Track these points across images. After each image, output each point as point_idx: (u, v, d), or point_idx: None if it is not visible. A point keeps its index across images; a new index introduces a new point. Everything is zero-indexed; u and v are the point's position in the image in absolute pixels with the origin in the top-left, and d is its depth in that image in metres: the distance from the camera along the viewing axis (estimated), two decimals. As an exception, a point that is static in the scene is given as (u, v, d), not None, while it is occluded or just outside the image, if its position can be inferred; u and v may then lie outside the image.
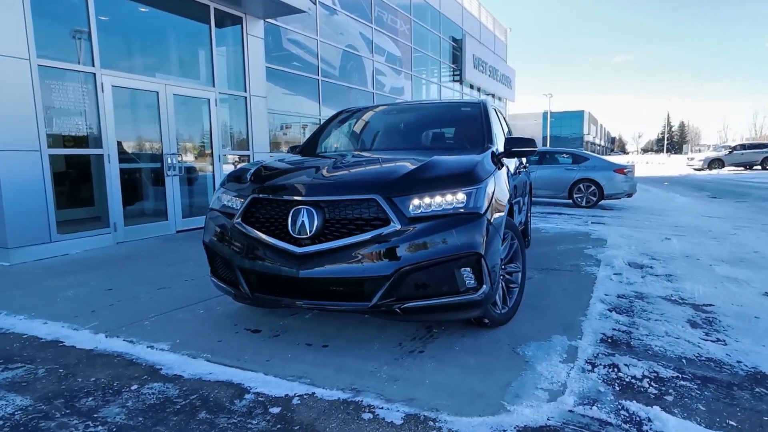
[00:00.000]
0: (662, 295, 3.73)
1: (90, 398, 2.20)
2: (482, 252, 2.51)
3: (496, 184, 2.87)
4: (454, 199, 2.57)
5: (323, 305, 2.61)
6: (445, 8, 17.91)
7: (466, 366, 2.48)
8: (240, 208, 2.81)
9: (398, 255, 2.43)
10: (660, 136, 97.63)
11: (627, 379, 2.32)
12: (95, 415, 2.05)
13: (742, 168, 25.94)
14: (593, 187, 10.28)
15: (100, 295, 3.84)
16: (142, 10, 6.65)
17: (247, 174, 3.04)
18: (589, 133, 73.35)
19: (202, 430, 1.93)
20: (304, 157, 3.76)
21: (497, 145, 3.70)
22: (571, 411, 2.04)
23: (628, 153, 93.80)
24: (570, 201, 10.62)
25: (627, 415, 2.01)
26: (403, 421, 1.97)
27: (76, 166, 6.35)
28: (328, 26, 11.30)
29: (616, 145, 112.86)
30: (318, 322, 3.16)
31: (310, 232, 2.52)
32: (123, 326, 3.11)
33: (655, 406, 2.06)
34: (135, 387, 2.29)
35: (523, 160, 5.40)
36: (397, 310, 2.50)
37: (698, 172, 25.55)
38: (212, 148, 7.61)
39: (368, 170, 2.98)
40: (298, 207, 2.58)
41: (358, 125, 4.63)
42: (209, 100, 7.47)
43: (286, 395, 2.19)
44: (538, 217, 8.49)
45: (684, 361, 2.55)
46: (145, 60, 6.80)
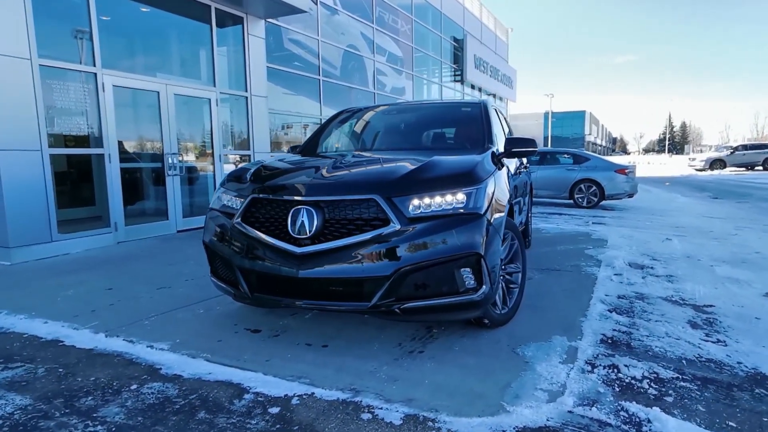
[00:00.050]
0: (663, 296, 3.72)
1: (89, 398, 2.20)
2: (482, 252, 2.51)
3: (496, 184, 2.87)
4: (454, 200, 2.56)
5: (323, 305, 2.61)
6: (447, 8, 17.90)
7: (465, 366, 2.48)
8: (240, 208, 2.82)
9: (398, 255, 2.43)
10: (661, 136, 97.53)
11: (627, 380, 2.32)
12: (95, 415, 2.05)
13: (743, 168, 25.92)
14: (594, 188, 10.27)
15: (100, 294, 3.85)
16: (143, 10, 6.66)
17: (247, 174, 3.04)
18: (590, 134, 73.27)
19: (201, 430, 1.94)
20: (305, 157, 3.77)
21: (498, 146, 3.70)
22: (570, 412, 2.04)
23: (630, 153, 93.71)
24: (571, 201, 10.61)
25: (626, 416, 2.01)
26: (402, 422, 1.97)
27: (77, 165, 6.37)
28: (329, 26, 11.30)
29: (617, 145, 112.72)
30: (318, 322, 3.16)
31: (310, 232, 2.52)
32: (123, 326, 3.12)
33: (654, 407, 2.06)
34: (134, 386, 2.30)
35: (524, 160, 5.40)
36: (397, 310, 2.50)
37: (700, 173, 25.53)
38: (213, 147, 7.61)
39: (368, 170, 2.98)
40: (297, 207, 2.58)
41: (358, 125, 4.64)
42: (210, 99, 7.48)
43: (286, 395, 2.20)
44: (539, 218, 8.48)
45: (684, 362, 2.54)
46: (146, 60, 6.81)
